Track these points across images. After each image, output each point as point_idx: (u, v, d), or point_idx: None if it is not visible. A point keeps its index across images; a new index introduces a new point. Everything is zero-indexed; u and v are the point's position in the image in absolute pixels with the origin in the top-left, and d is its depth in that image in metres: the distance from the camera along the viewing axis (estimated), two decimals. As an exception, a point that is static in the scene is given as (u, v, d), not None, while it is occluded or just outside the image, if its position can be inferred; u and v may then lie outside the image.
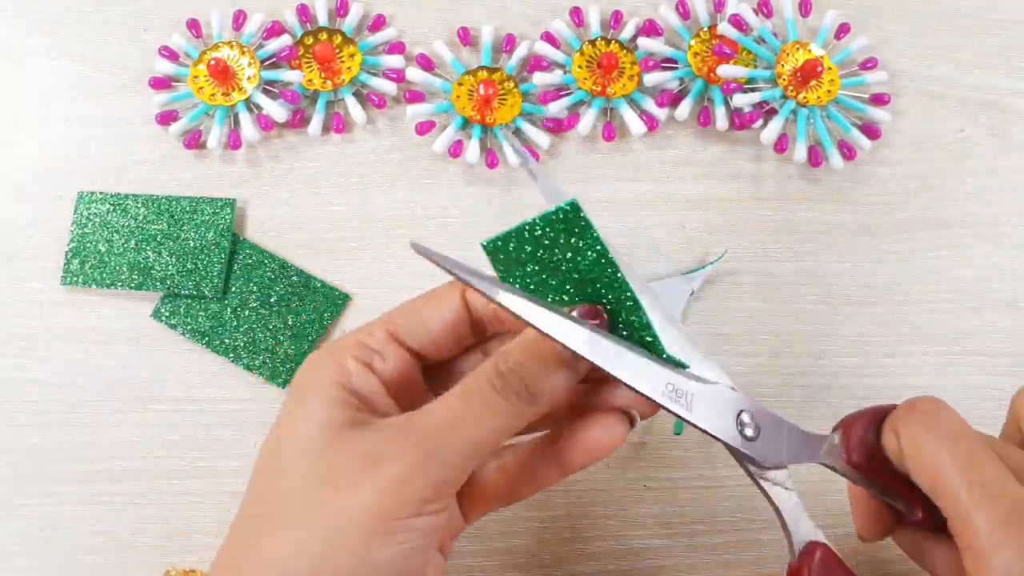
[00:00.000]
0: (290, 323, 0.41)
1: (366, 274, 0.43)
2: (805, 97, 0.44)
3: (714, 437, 0.27)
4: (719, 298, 0.43)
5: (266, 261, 0.42)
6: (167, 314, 0.41)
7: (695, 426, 0.26)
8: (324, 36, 0.45)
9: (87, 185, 0.43)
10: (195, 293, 0.41)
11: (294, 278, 0.42)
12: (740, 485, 0.41)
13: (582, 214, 0.26)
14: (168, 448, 0.40)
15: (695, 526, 0.41)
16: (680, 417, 0.26)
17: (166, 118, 0.43)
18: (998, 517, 0.24)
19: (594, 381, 0.29)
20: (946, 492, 0.25)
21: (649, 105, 0.44)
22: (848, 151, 0.44)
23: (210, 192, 0.43)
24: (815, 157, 0.44)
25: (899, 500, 0.28)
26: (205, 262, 0.41)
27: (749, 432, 0.27)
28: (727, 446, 0.27)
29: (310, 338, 0.41)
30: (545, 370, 0.26)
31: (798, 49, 0.44)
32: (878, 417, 0.28)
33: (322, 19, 0.45)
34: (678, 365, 0.27)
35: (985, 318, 0.44)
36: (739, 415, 0.27)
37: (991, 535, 0.23)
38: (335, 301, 0.42)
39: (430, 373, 0.31)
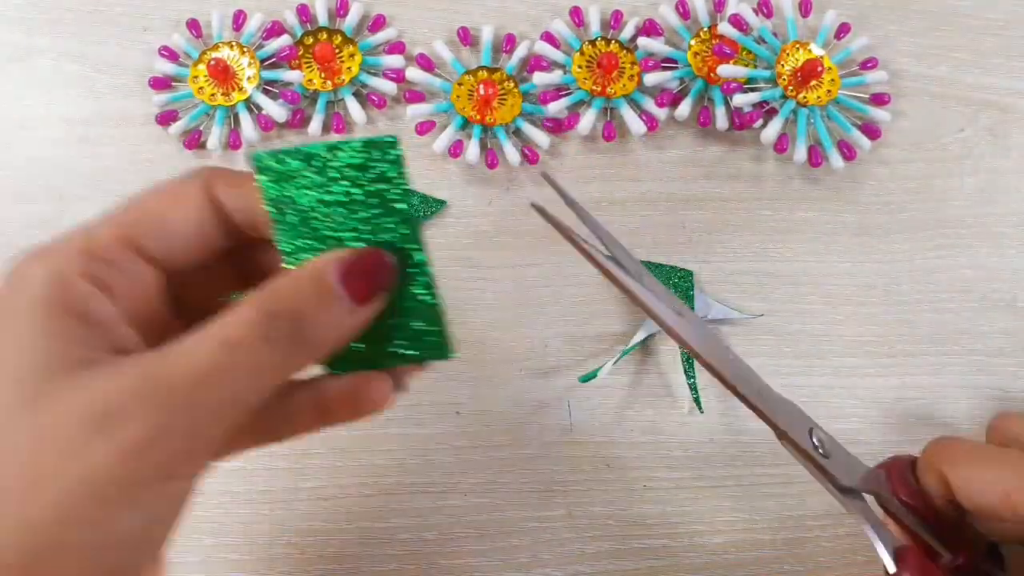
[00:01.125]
0: None
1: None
2: (805, 97, 0.44)
3: (800, 448, 0.27)
4: (719, 299, 0.43)
5: None
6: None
7: (787, 441, 0.27)
8: (324, 36, 0.45)
9: (87, 184, 0.43)
10: None
11: None
12: (740, 485, 0.41)
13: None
14: (168, 448, 0.40)
15: (695, 526, 0.41)
16: (775, 428, 0.27)
17: (166, 118, 0.43)
18: None
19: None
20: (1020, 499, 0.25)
21: (649, 105, 0.44)
22: (848, 151, 0.44)
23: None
24: (815, 157, 0.44)
25: (941, 543, 0.28)
26: None
27: (822, 451, 0.28)
28: (811, 461, 0.28)
29: None
30: (329, 316, 0.22)
31: (798, 49, 0.44)
32: (910, 463, 0.29)
33: (322, 19, 0.45)
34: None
35: (985, 318, 0.44)
36: (812, 432, 0.28)
37: None
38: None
39: (174, 290, 0.25)
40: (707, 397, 0.42)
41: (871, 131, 0.45)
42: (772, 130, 0.43)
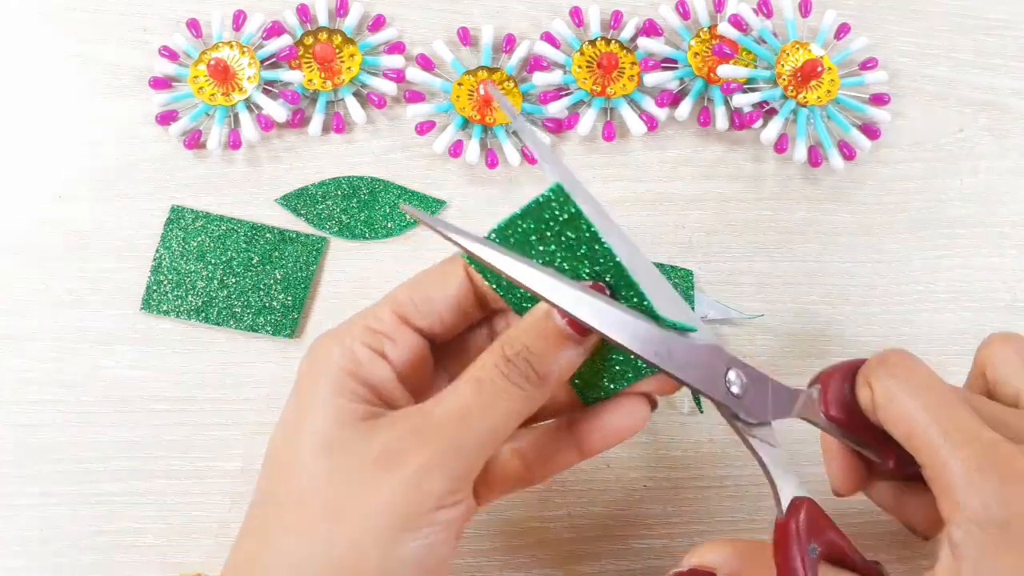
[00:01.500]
0: (278, 277, 0.42)
1: (365, 274, 0.43)
2: (805, 97, 0.44)
3: (703, 394, 0.27)
4: (719, 299, 0.43)
5: (237, 228, 0.42)
6: (156, 303, 0.41)
7: (686, 384, 0.27)
8: (324, 36, 0.45)
9: (87, 184, 0.43)
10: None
11: (268, 235, 0.42)
12: (740, 485, 0.41)
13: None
14: (168, 448, 0.40)
15: (695, 526, 0.41)
16: (671, 375, 0.26)
17: (166, 118, 0.43)
18: (972, 460, 0.24)
19: None
20: (920, 440, 0.25)
21: (649, 105, 0.44)
22: (848, 151, 0.44)
23: (210, 192, 0.43)
24: (815, 157, 0.44)
25: (872, 451, 0.29)
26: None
27: (736, 389, 0.27)
28: (715, 402, 0.27)
29: (301, 285, 0.42)
30: (551, 351, 0.26)
31: (798, 49, 0.44)
32: (852, 371, 0.29)
33: (322, 19, 0.45)
34: (682, 330, 0.27)
35: (985, 318, 0.44)
36: (727, 373, 0.28)
37: (966, 478, 0.24)
38: (314, 246, 0.42)
39: (438, 353, 0.30)
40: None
41: (871, 131, 0.45)
42: (772, 130, 0.43)
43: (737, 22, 0.44)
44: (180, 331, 0.41)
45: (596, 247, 0.26)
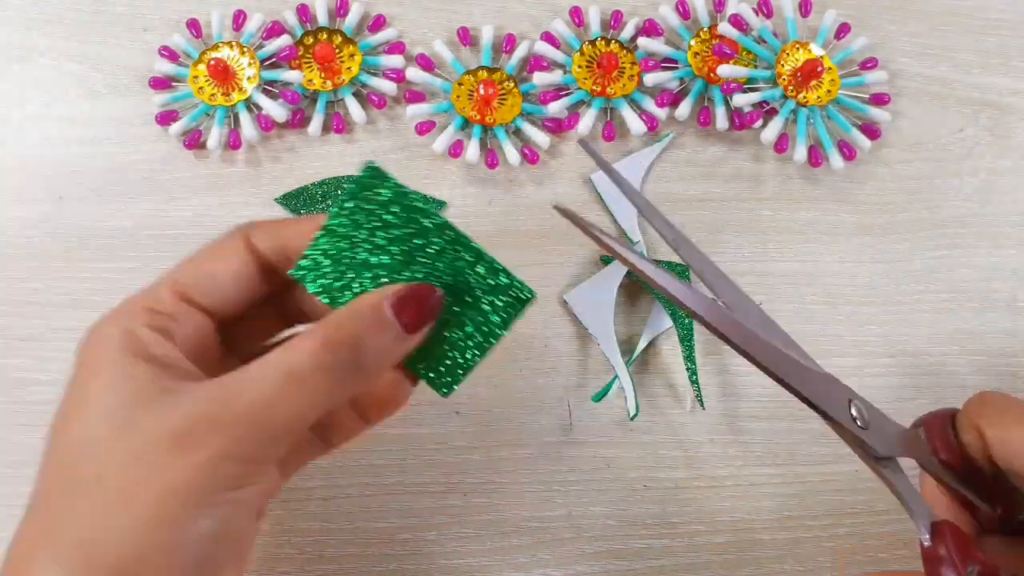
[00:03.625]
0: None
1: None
2: (805, 97, 0.44)
3: (836, 422, 0.27)
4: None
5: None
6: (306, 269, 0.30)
7: (824, 414, 0.27)
8: (324, 36, 0.45)
9: (87, 184, 0.43)
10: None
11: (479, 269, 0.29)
12: (740, 485, 0.41)
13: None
14: (168, 448, 0.40)
15: (695, 526, 0.41)
16: (798, 393, 0.26)
17: (166, 118, 0.43)
18: None
19: None
20: None
21: (649, 105, 0.44)
22: (848, 151, 0.44)
23: (210, 192, 0.43)
24: (815, 157, 0.44)
25: (980, 497, 0.28)
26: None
27: (860, 423, 0.27)
28: (848, 433, 0.27)
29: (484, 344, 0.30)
30: (381, 340, 0.25)
31: (798, 49, 0.44)
32: (951, 417, 0.28)
33: (322, 19, 0.45)
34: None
35: (985, 318, 0.44)
36: (849, 404, 0.28)
37: None
38: (518, 302, 0.29)
39: (225, 330, 0.29)
40: (708, 396, 0.42)
41: (871, 131, 0.45)
42: (772, 130, 0.43)
43: (737, 22, 0.44)
44: (180, 331, 0.41)
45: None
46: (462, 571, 0.40)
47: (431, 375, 0.29)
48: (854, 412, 0.27)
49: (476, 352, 0.28)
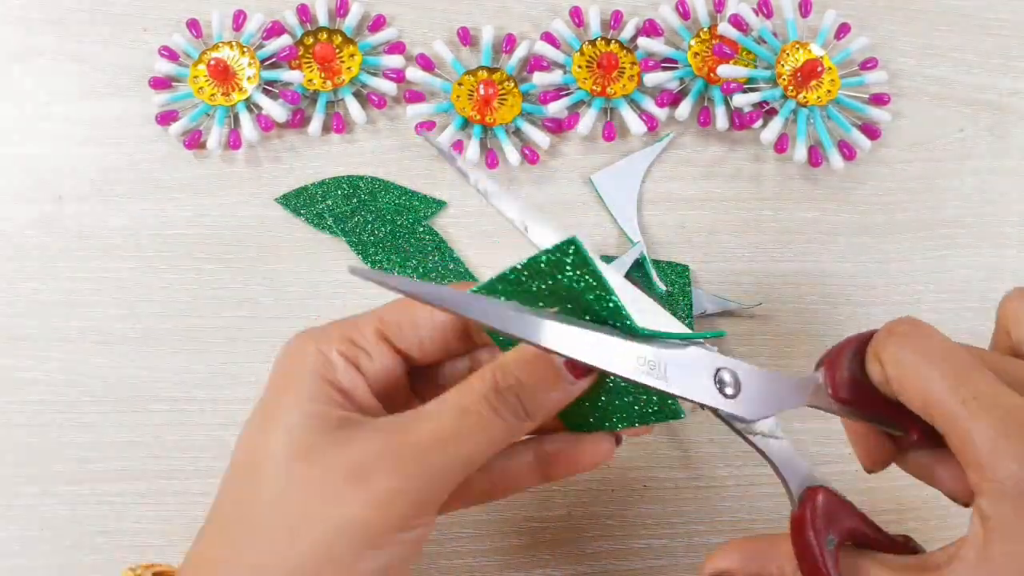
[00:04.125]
0: None
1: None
2: (805, 97, 0.44)
3: (694, 402, 0.26)
4: (719, 296, 0.43)
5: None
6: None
7: (675, 396, 0.26)
8: (324, 36, 0.45)
9: (87, 184, 0.43)
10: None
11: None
12: (740, 485, 0.41)
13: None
14: (168, 448, 0.40)
15: (695, 526, 0.41)
16: (657, 390, 0.25)
17: (166, 118, 0.43)
18: (996, 428, 0.23)
19: None
20: (939, 411, 0.24)
21: (649, 105, 0.44)
22: (848, 151, 0.44)
23: (210, 192, 0.43)
24: (815, 157, 0.44)
25: (893, 426, 0.28)
26: None
27: (729, 391, 0.26)
28: (710, 408, 0.26)
29: None
30: (543, 388, 0.26)
31: (798, 49, 0.44)
32: (859, 347, 0.27)
33: (322, 19, 0.45)
34: (659, 337, 0.26)
35: (985, 318, 0.44)
36: (717, 373, 0.26)
37: (991, 447, 0.23)
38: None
39: (414, 376, 0.30)
40: (707, 397, 0.42)
41: (871, 131, 0.45)
42: (772, 130, 0.43)
43: (737, 22, 0.44)
44: (180, 331, 0.41)
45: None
46: (462, 571, 0.40)
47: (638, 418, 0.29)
48: (724, 378, 0.26)
49: (622, 424, 0.28)
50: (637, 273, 0.43)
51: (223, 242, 0.43)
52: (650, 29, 0.46)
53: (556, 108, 0.44)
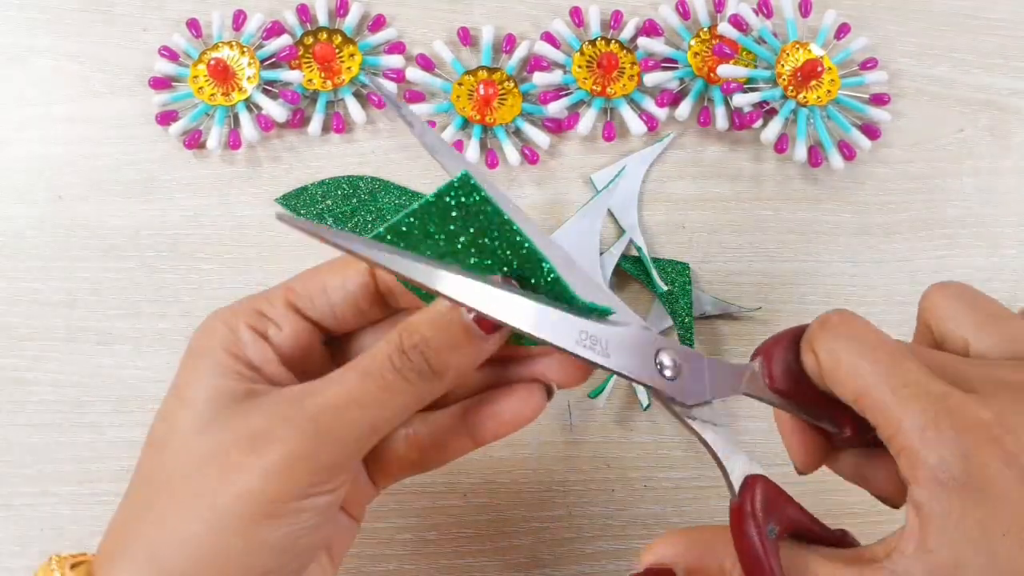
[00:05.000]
0: None
1: (366, 274, 0.43)
2: (805, 97, 0.44)
3: (633, 380, 0.26)
4: (719, 298, 0.43)
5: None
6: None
7: (614, 372, 0.25)
8: (324, 36, 0.45)
9: (87, 184, 0.43)
10: None
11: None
12: (740, 485, 0.41)
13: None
14: (168, 448, 0.40)
15: (695, 526, 0.41)
16: (597, 364, 0.25)
17: (166, 118, 0.43)
18: (926, 415, 0.23)
19: (505, 358, 0.28)
20: (870, 400, 0.24)
21: (649, 105, 0.44)
22: (848, 151, 0.44)
23: (210, 192, 0.43)
24: (815, 157, 0.44)
25: (826, 421, 0.27)
26: None
27: (669, 372, 0.26)
28: (648, 388, 0.26)
29: None
30: (453, 346, 0.25)
31: (798, 49, 0.44)
32: (795, 339, 0.27)
33: (322, 19, 0.45)
34: (600, 313, 0.25)
35: (985, 318, 0.44)
36: (657, 355, 0.26)
37: (922, 435, 0.23)
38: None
39: (332, 345, 0.29)
40: (707, 397, 0.42)
41: (871, 131, 0.45)
42: (772, 130, 0.43)
43: (737, 22, 0.44)
44: (180, 331, 0.41)
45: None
46: (462, 571, 0.40)
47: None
48: (664, 360, 0.26)
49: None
50: (637, 271, 0.43)
51: (223, 242, 0.43)
52: (650, 29, 0.46)
53: (556, 108, 0.44)
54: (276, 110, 0.43)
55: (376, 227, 0.43)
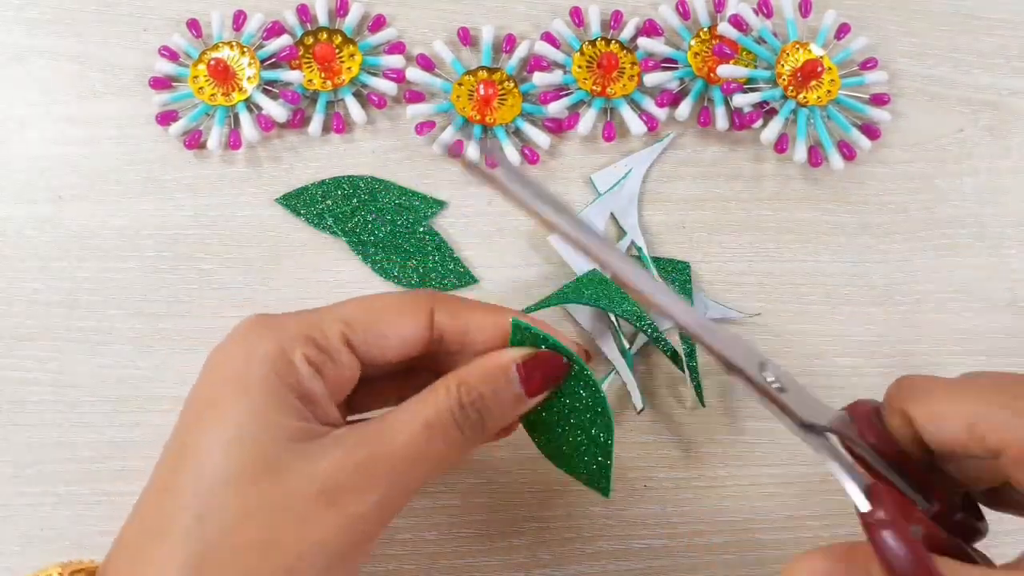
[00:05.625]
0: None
1: (366, 275, 0.43)
2: (805, 97, 0.44)
3: (758, 386, 0.26)
4: (719, 298, 0.43)
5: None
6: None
7: (730, 363, 0.26)
8: (324, 36, 0.45)
9: (87, 184, 0.43)
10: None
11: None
12: (740, 485, 0.41)
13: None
14: (168, 448, 0.40)
15: (695, 526, 0.41)
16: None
17: (166, 118, 0.43)
18: None
19: None
20: (987, 425, 0.22)
21: (649, 105, 0.44)
22: (848, 151, 0.44)
23: (210, 192, 0.43)
24: (815, 157, 0.44)
25: (914, 489, 0.26)
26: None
27: (776, 385, 0.26)
28: (767, 396, 0.26)
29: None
30: (502, 405, 0.26)
31: (798, 49, 0.44)
32: (873, 410, 0.26)
33: (322, 19, 0.45)
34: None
35: (985, 318, 0.44)
36: (761, 366, 0.26)
37: None
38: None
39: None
40: (708, 395, 0.42)
41: (871, 131, 0.45)
42: (772, 130, 0.43)
43: (737, 22, 0.44)
44: (179, 331, 0.41)
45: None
46: (462, 571, 0.40)
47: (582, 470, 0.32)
48: (769, 377, 0.26)
49: (564, 467, 0.33)
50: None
51: (223, 242, 0.43)
52: (650, 29, 0.46)
53: (556, 108, 0.44)
54: (276, 110, 0.43)
55: (376, 227, 0.43)
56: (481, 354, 0.28)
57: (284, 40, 0.44)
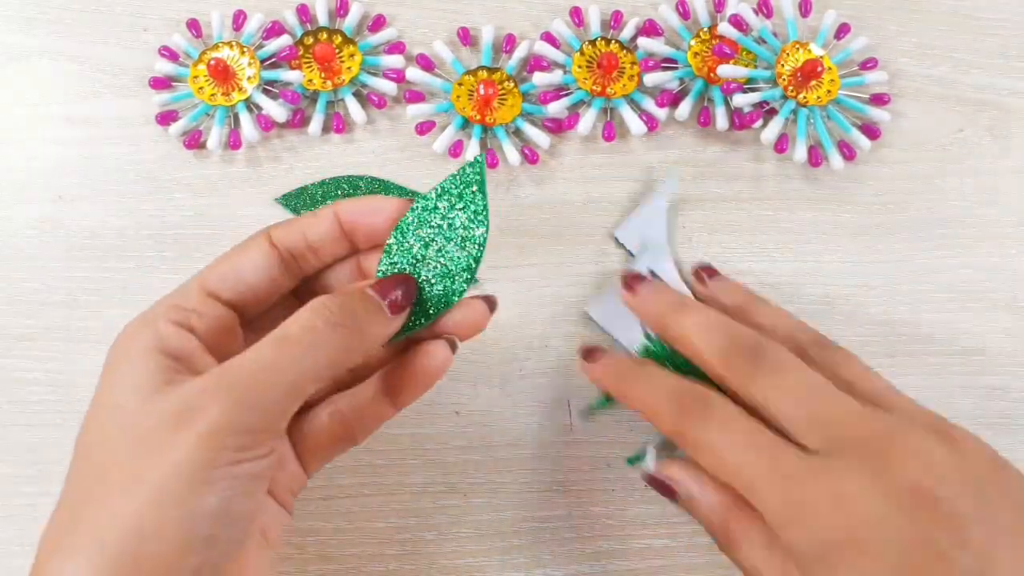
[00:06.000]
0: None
1: (366, 274, 0.43)
2: (805, 97, 0.44)
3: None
4: (719, 298, 0.43)
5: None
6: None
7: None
8: (324, 36, 0.45)
9: (87, 184, 0.43)
10: None
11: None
12: (740, 485, 0.41)
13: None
14: (168, 448, 0.40)
15: (695, 526, 0.40)
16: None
17: (166, 118, 0.43)
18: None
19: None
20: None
21: (649, 105, 0.44)
22: (848, 151, 0.44)
23: (210, 192, 0.43)
24: (815, 157, 0.44)
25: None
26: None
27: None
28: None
29: None
30: (370, 312, 0.28)
31: (798, 49, 0.44)
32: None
33: (322, 19, 0.45)
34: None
35: (985, 318, 0.44)
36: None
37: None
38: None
39: (251, 326, 0.31)
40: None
41: (871, 131, 0.45)
42: (772, 130, 0.43)
43: (737, 22, 0.44)
44: (180, 331, 0.41)
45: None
46: (462, 571, 0.40)
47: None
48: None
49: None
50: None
51: (223, 242, 0.43)
52: (650, 29, 0.46)
53: (556, 108, 0.44)
54: (276, 110, 0.43)
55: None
56: (333, 263, 0.32)
57: (284, 40, 0.44)
